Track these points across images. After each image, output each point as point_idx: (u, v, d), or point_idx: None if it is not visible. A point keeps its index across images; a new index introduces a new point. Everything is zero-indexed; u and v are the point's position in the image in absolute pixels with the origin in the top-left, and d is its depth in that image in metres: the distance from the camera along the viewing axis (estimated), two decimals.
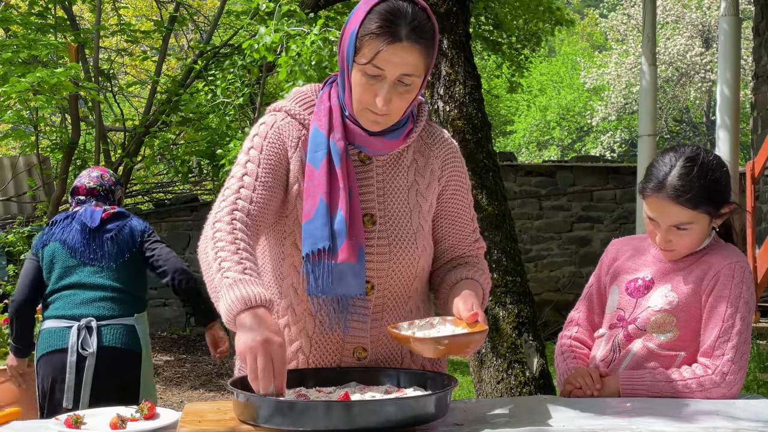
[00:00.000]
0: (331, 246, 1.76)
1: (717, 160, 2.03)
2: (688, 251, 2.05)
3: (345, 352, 1.87)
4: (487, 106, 12.23)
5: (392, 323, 1.85)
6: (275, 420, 1.54)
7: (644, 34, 7.68)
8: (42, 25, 7.67)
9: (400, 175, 1.89)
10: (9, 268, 8.27)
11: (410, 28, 1.71)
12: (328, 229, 1.77)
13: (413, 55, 1.73)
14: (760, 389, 5.42)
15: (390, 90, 1.74)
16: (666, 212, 2.00)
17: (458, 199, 1.96)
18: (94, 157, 8.64)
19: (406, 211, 1.87)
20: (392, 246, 1.84)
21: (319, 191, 1.78)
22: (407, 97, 1.78)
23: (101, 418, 1.73)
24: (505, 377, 3.52)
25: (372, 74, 1.74)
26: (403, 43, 1.71)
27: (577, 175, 9.14)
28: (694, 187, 1.96)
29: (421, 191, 1.90)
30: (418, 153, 1.92)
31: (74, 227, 3.43)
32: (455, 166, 1.95)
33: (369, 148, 1.85)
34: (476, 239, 2.01)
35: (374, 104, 1.76)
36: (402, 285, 1.88)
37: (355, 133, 1.83)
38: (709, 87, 20.28)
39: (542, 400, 1.94)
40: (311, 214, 1.78)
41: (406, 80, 1.74)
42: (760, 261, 6.74)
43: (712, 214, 2.01)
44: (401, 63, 1.72)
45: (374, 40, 1.71)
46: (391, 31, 1.71)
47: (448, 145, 1.96)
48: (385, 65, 1.72)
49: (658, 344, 2.02)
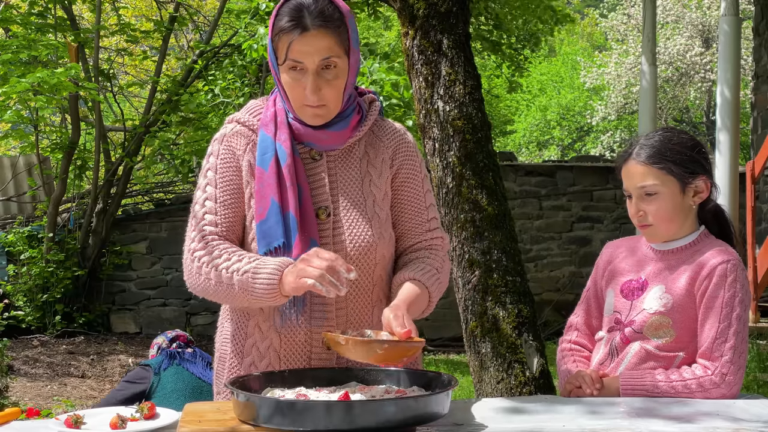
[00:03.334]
0: (285, 243, 1.84)
1: (689, 135, 2.09)
2: (663, 225, 2.04)
3: (314, 344, 1.90)
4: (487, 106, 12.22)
5: (358, 313, 1.91)
6: (275, 420, 1.54)
7: (644, 34, 7.68)
8: (42, 25, 7.67)
9: (352, 167, 1.95)
10: (9, 268, 8.27)
11: (314, 15, 1.80)
12: (282, 227, 1.84)
13: (324, 40, 1.81)
14: (760, 389, 5.42)
15: (315, 79, 1.82)
16: (633, 175, 2.05)
17: (409, 187, 2.00)
18: (94, 157, 8.64)
19: (359, 201, 1.92)
20: (347, 235, 1.89)
21: (270, 192, 1.86)
22: (336, 84, 1.85)
23: (101, 418, 1.73)
24: (505, 377, 3.52)
25: (294, 69, 1.83)
26: (311, 30, 1.80)
27: (577, 175, 9.13)
28: (656, 146, 2.03)
29: (374, 181, 1.95)
30: (370, 146, 1.98)
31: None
32: (406, 154, 2.00)
33: (317, 144, 1.93)
34: (431, 229, 2.02)
35: (307, 98, 1.84)
36: (363, 273, 1.91)
37: (301, 131, 1.91)
38: (709, 87, 20.27)
39: (542, 400, 1.94)
40: (264, 215, 1.87)
41: (329, 65, 1.82)
42: (760, 261, 6.74)
43: (681, 181, 2.02)
44: (315, 50, 1.80)
45: (285, 36, 1.81)
46: (296, 23, 1.80)
47: (399, 136, 2.01)
48: (301, 57, 1.81)
49: (655, 346, 2.02)
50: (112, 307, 8.79)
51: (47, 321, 8.10)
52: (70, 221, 8.57)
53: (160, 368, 3.63)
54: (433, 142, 3.73)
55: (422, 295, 1.87)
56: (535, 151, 26.30)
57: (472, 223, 3.63)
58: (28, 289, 8.11)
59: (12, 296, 8.14)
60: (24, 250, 8.26)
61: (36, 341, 7.83)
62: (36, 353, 7.39)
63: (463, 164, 3.65)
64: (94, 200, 8.50)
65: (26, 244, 8.31)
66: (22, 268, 8.18)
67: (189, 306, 8.71)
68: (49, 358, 7.25)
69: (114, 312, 8.78)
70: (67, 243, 8.35)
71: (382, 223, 1.94)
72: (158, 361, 3.67)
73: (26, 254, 8.22)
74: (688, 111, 22.67)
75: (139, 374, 3.66)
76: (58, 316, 8.10)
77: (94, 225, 8.51)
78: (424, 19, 3.71)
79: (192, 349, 3.82)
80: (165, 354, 3.69)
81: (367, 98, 2.02)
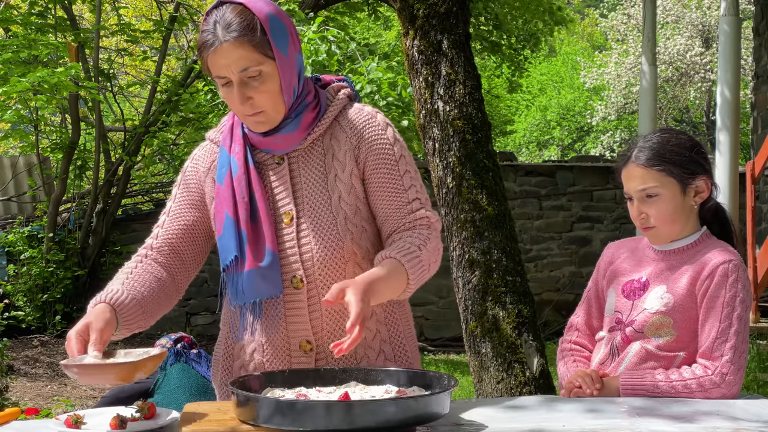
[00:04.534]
0: (239, 257, 1.85)
1: (687, 136, 2.09)
2: (666, 227, 2.04)
3: (292, 347, 1.91)
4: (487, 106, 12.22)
5: (332, 311, 1.88)
6: (275, 420, 1.54)
7: (644, 34, 7.69)
8: (42, 25, 7.67)
9: (315, 165, 1.91)
10: (9, 268, 8.27)
11: (221, 28, 1.78)
12: (236, 240, 1.85)
13: (237, 51, 1.77)
14: (760, 389, 5.42)
15: (240, 90, 1.80)
16: (633, 179, 2.04)
17: (382, 172, 1.90)
18: (94, 157, 8.64)
19: (324, 200, 1.89)
20: (313, 236, 1.87)
21: (225, 207, 1.88)
22: (265, 89, 1.81)
23: (101, 418, 1.73)
24: (505, 377, 3.52)
25: (222, 84, 1.82)
26: (223, 44, 1.77)
27: (577, 175, 9.13)
28: (655, 148, 2.03)
29: (339, 176, 1.90)
30: (334, 139, 1.91)
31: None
32: (373, 139, 1.90)
33: (273, 149, 1.91)
34: (413, 210, 1.90)
35: (241, 108, 1.83)
36: (333, 272, 1.88)
37: (256, 139, 1.91)
38: (709, 87, 20.27)
39: (543, 400, 1.94)
40: (221, 231, 1.89)
41: (251, 74, 1.79)
42: (760, 261, 6.74)
43: (681, 182, 2.02)
44: (229, 63, 1.78)
45: (203, 53, 1.81)
46: (207, 40, 1.79)
47: (365, 121, 1.91)
48: (220, 71, 1.79)
49: (656, 346, 2.02)
50: None
51: (47, 321, 8.10)
52: (70, 221, 8.57)
53: (166, 364, 3.64)
54: (433, 142, 3.73)
55: (395, 273, 1.76)
56: (535, 151, 26.30)
57: (472, 223, 3.63)
58: (28, 289, 8.11)
59: (12, 296, 8.14)
60: (24, 250, 8.26)
61: (36, 341, 7.83)
62: (36, 353, 7.40)
63: (463, 164, 3.65)
64: (94, 200, 8.50)
65: (26, 244, 8.31)
66: (22, 268, 8.19)
67: (189, 306, 8.71)
68: (49, 358, 7.25)
69: None
70: (67, 243, 8.35)
71: (348, 218, 1.89)
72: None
73: (26, 254, 8.22)
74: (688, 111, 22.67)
75: None
76: (58, 316, 8.10)
77: (94, 225, 8.51)
78: (424, 20, 3.71)
79: (197, 350, 3.84)
80: (171, 351, 3.71)
81: (333, 88, 1.95)
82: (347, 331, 1.63)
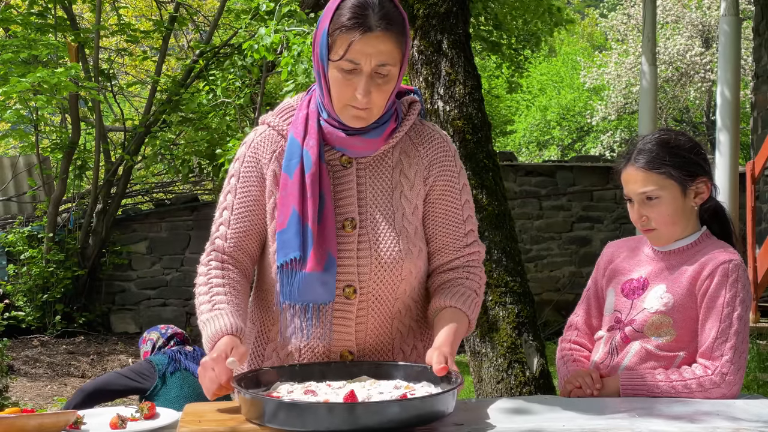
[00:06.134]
0: (301, 256, 1.79)
1: (687, 136, 2.08)
2: (667, 229, 2.04)
3: (332, 357, 1.89)
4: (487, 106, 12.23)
5: (377, 325, 1.88)
6: (279, 419, 1.54)
7: (644, 34, 7.68)
8: (42, 25, 7.67)
9: (383, 176, 1.87)
10: (9, 267, 8.27)
11: (379, 16, 1.72)
12: (299, 239, 1.79)
13: (386, 44, 1.73)
14: (760, 389, 5.42)
15: (368, 82, 1.74)
16: (633, 181, 2.04)
17: (447, 200, 1.92)
18: (94, 157, 8.64)
19: (388, 214, 1.85)
20: (373, 250, 1.83)
21: (292, 201, 1.80)
22: (386, 89, 1.77)
23: (101, 418, 1.73)
24: (505, 377, 3.52)
25: (348, 69, 1.74)
26: (375, 32, 1.72)
27: (577, 175, 9.13)
28: (654, 150, 2.02)
29: (405, 193, 1.87)
30: (404, 154, 1.89)
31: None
32: (445, 165, 1.91)
33: (349, 150, 1.85)
34: (469, 243, 1.95)
35: (354, 99, 1.75)
36: (387, 288, 1.86)
37: (334, 135, 1.83)
38: (709, 87, 20.26)
39: (542, 400, 1.94)
40: (284, 224, 1.81)
41: (383, 71, 1.74)
42: (760, 261, 6.73)
43: (681, 184, 2.01)
44: (375, 53, 1.72)
45: (346, 34, 1.72)
46: (361, 22, 1.72)
47: (438, 144, 1.92)
48: (359, 57, 1.72)
49: (656, 346, 2.02)
50: (112, 307, 8.80)
51: (47, 321, 8.10)
52: (70, 221, 8.57)
53: (165, 371, 3.62)
54: None
55: (463, 325, 1.84)
56: (535, 151, 26.29)
57: None
58: (28, 289, 8.11)
59: (12, 296, 8.14)
60: (24, 250, 8.26)
61: (36, 341, 7.83)
62: (36, 353, 7.40)
63: (463, 164, 3.65)
64: (94, 200, 8.50)
65: (26, 244, 8.31)
66: (22, 268, 8.19)
67: (189, 306, 8.70)
68: (49, 358, 7.25)
69: (114, 312, 8.78)
70: (67, 243, 8.35)
71: (410, 237, 1.86)
72: (162, 361, 3.67)
73: (26, 254, 8.22)
74: (688, 111, 22.66)
75: (147, 370, 3.66)
76: (58, 316, 8.10)
77: (94, 225, 8.51)
78: (424, 20, 3.71)
79: (192, 347, 3.81)
80: (168, 357, 3.68)
81: (407, 100, 1.92)
82: (444, 369, 1.70)
